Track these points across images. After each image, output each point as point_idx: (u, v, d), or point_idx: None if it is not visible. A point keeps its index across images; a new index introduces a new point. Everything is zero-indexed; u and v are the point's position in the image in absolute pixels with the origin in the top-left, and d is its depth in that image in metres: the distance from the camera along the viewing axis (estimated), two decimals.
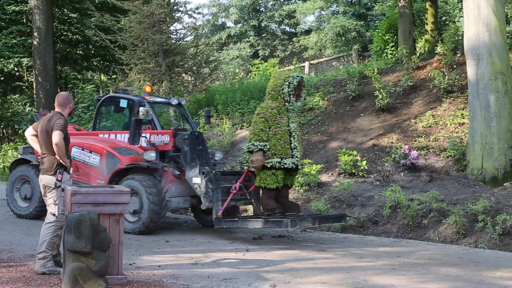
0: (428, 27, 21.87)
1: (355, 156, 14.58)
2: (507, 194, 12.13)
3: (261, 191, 10.90)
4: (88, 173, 11.84)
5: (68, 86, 27.09)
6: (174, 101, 13.03)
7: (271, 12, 39.66)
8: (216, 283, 7.35)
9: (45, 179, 7.76)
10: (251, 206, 11.82)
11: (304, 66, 29.01)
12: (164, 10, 18.62)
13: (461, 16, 22.91)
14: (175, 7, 19.77)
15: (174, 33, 20.04)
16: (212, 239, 10.95)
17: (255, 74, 26.29)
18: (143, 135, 11.69)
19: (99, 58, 28.12)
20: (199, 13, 29.79)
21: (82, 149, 11.96)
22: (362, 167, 14.26)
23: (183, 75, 19.95)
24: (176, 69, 19.30)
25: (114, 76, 29.65)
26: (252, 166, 10.56)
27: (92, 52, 27.72)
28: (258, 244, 10.58)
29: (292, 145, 10.56)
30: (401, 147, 14.64)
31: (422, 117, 16.18)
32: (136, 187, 10.86)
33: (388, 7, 27.55)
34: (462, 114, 15.72)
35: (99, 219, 6.74)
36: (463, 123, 15.35)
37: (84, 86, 25.15)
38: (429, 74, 17.96)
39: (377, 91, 17.41)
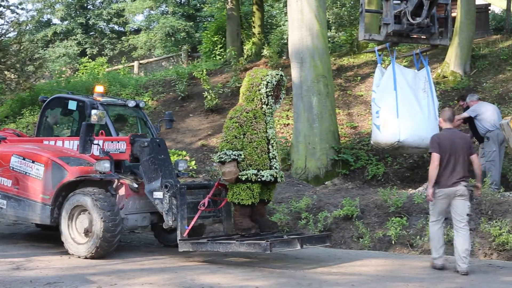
0: (256, 30, 22.47)
1: (184, 156, 14.66)
2: (328, 192, 12.68)
3: (233, 208, 9.49)
4: (30, 187, 10.00)
5: None
6: (131, 103, 11.26)
7: (99, 10, 38.82)
8: (39, 287, 7.12)
9: None
10: (220, 224, 10.26)
11: (133, 66, 28.82)
12: None
13: (286, 21, 23.67)
14: None
15: None
16: (36, 242, 10.56)
17: (82, 73, 25.72)
18: (95, 142, 9.80)
19: None
20: (22, 8, 28.55)
21: (23, 159, 10.08)
22: (191, 167, 14.35)
23: (5, 72, 19.12)
24: None
25: None
26: (223, 178, 9.06)
27: None
28: None
29: (270, 154, 9.14)
30: None
31: None
32: (86, 203, 9.18)
33: (217, 9, 28.02)
34: (287, 115, 16.25)
35: None
36: (288, 124, 15.86)
37: None
38: None
39: (205, 92, 17.60)
